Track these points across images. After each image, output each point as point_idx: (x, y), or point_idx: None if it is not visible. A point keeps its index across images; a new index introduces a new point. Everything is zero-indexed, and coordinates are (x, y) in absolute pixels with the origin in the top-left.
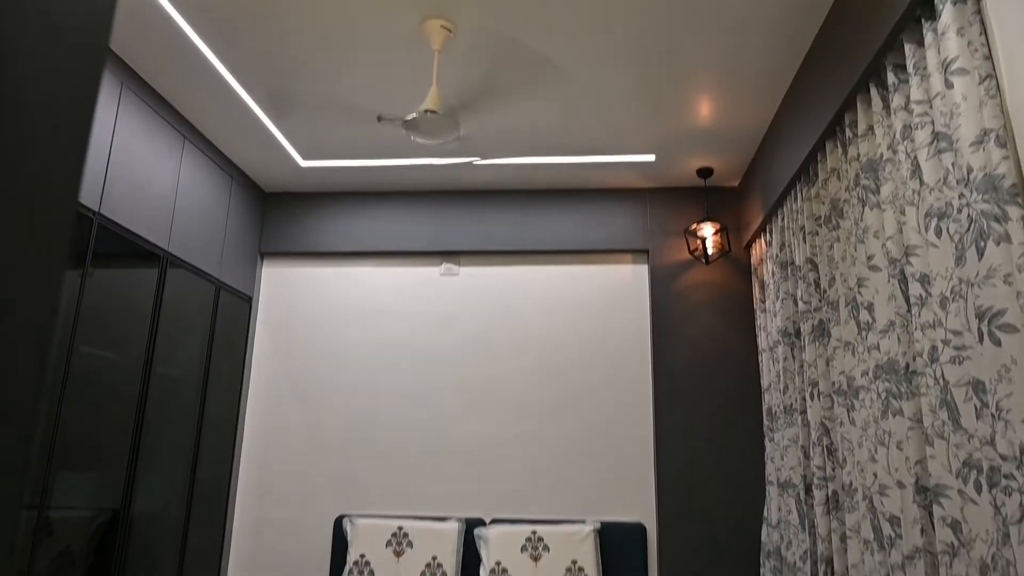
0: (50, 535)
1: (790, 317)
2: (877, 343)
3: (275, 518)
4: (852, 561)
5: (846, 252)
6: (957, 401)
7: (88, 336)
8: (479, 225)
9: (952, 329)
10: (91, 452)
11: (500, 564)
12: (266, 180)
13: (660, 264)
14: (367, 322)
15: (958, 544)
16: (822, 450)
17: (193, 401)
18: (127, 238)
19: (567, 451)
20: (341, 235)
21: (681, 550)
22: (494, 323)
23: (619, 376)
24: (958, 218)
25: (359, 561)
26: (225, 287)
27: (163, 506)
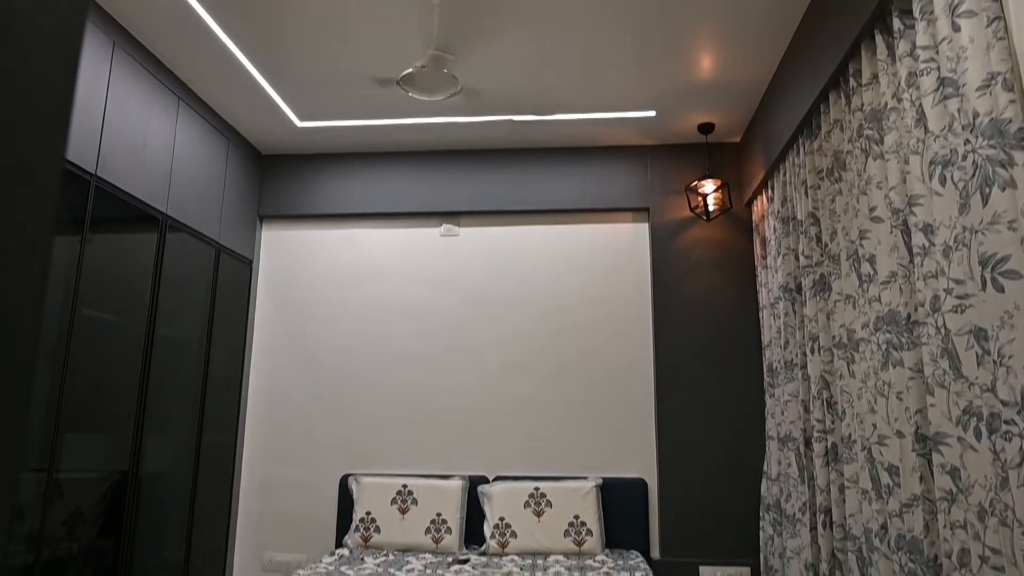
0: (61, 497)
1: (791, 272)
2: (878, 295)
3: (281, 478)
4: (850, 511)
5: (848, 205)
6: (958, 349)
7: (90, 299)
8: (478, 185)
9: (954, 278)
10: (98, 414)
11: (504, 520)
12: (262, 142)
13: (661, 222)
14: (368, 283)
15: (956, 490)
16: (822, 403)
17: (197, 363)
18: (125, 200)
19: (569, 409)
20: (339, 197)
21: (681, 504)
22: (495, 283)
23: (620, 334)
24: (963, 165)
25: (365, 518)
26: (225, 250)
27: (171, 467)
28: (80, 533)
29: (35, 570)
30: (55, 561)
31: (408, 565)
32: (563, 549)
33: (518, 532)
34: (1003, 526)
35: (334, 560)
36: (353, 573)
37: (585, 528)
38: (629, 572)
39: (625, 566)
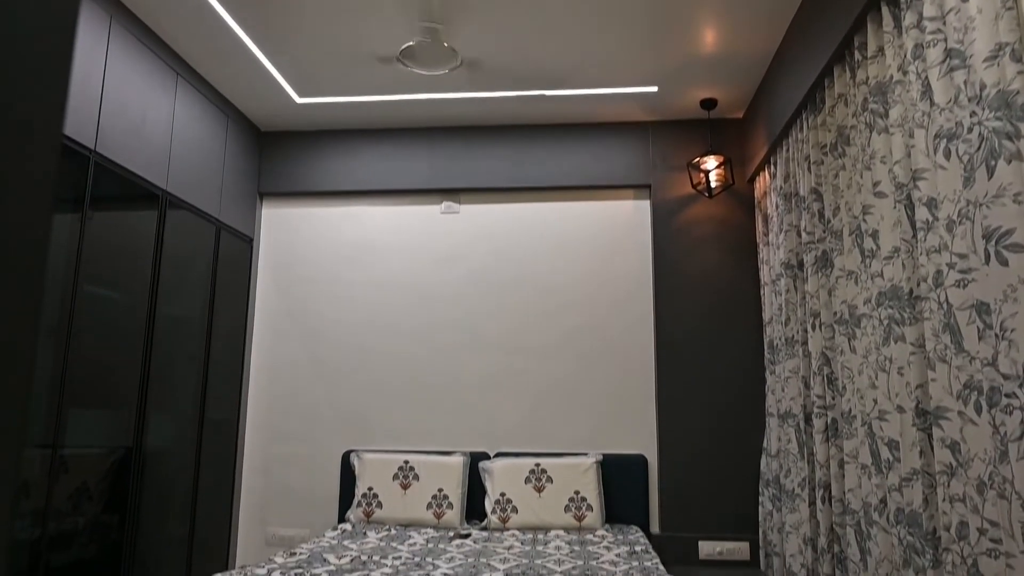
0: (66, 472)
1: (793, 249)
2: (881, 270)
3: (284, 454)
4: (849, 485)
5: (852, 180)
6: (960, 324)
7: (91, 276)
8: (479, 162)
9: (958, 252)
10: (101, 390)
11: (505, 495)
12: (262, 118)
13: (662, 199)
14: (369, 261)
15: (956, 464)
16: (822, 379)
17: (199, 340)
18: (125, 177)
19: (569, 386)
20: (339, 174)
21: (681, 480)
22: (496, 260)
23: (621, 312)
24: (968, 138)
25: (367, 494)
26: (225, 227)
27: (174, 443)
28: (86, 508)
29: (42, 544)
30: (61, 535)
31: (410, 540)
32: (563, 524)
33: (519, 507)
34: (1001, 499)
35: (337, 534)
36: (356, 547)
37: (585, 503)
38: (629, 546)
39: (625, 540)
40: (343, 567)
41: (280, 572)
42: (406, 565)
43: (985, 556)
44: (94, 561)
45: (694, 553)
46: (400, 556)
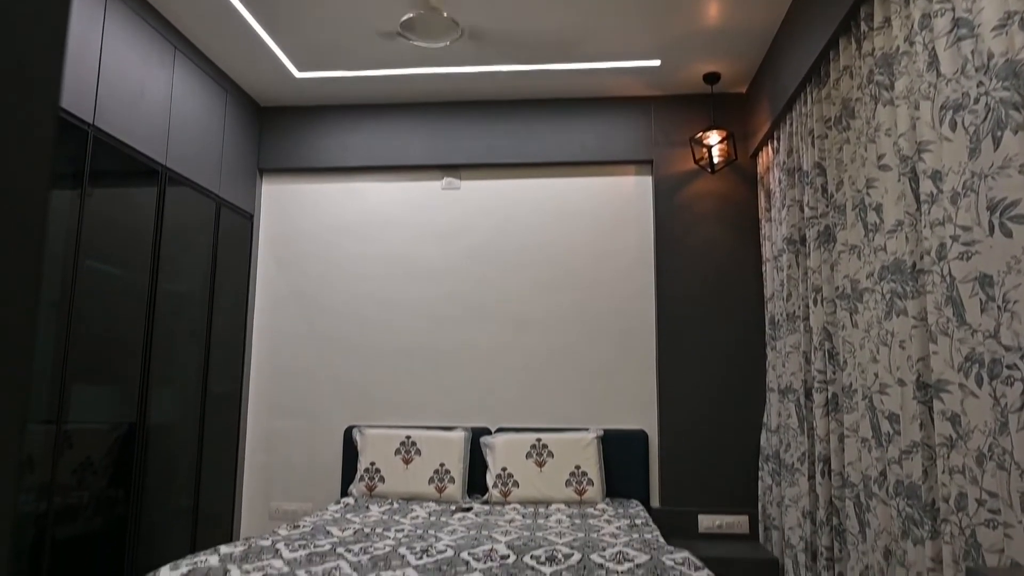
0: (70, 447)
1: (795, 224)
2: (884, 244)
3: (287, 429)
4: (849, 459)
5: (856, 153)
6: (963, 297)
7: (92, 251)
8: (480, 138)
9: (961, 225)
10: (104, 366)
11: (506, 470)
12: (261, 94)
13: (664, 174)
14: (370, 237)
15: (956, 436)
16: (823, 354)
17: (200, 316)
18: (124, 152)
19: (570, 362)
20: (339, 150)
21: (681, 455)
22: (497, 236)
23: (622, 287)
24: (974, 109)
25: (369, 468)
26: (225, 203)
27: (177, 419)
28: (91, 482)
29: (48, 518)
30: (67, 509)
31: (412, 513)
32: (564, 498)
33: (520, 482)
34: (1001, 470)
35: (340, 508)
36: (359, 520)
37: (586, 478)
38: (629, 519)
39: (625, 514)
40: (346, 539)
41: (284, 543)
42: (408, 537)
43: (983, 526)
44: (100, 534)
45: (694, 527)
46: (403, 529)
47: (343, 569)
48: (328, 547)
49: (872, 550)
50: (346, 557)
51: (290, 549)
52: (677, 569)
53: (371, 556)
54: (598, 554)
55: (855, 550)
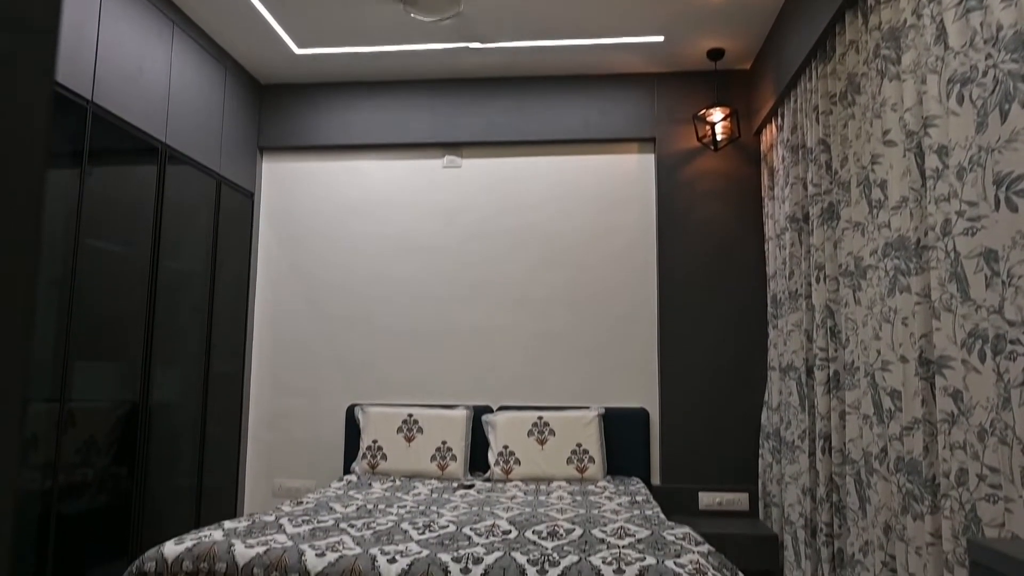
0: (73, 426)
1: (799, 202)
2: (888, 221)
3: (289, 408)
4: (850, 436)
5: (861, 129)
6: (967, 272)
7: (93, 229)
8: (481, 115)
9: (967, 200)
10: (106, 344)
11: (508, 448)
12: (261, 71)
13: (667, 152)
14: (371, 216)
15: (958, 412)
16: (825, 332)
17: (202, 295)
18: (124, 129)
19: (572, 340)
20: (340, 128)
21: (682, 434)
22: (498, 215)
23: (624, 266)
24: (982, 82)
25: (372, 446)
26: (226, 181)
27: (180, 397)
28: (95, 460)
29: (52, 495)
30: (71, 487)
31: (415, 490)
32: (565, 476)
33: (522, 459)
34: (1003, 444)
35: (342, 485)
36: (361, 497)
37: (587, 456)
38: (630, 496)
39: (626, 491)
40: (349, 515)
41: (288, 519)
42: (411, 513)
43: (984, 501)
44: (105, 510)
45: (694, 504)
46: (405, 505)
47: (346, 543)
48: (331, 522)
49: (872, 525)
50: (349, 532)
51: (293, 524)
52: (678, 544)
53: (374, 531)
54: (599, 529)
55: (855, 526)
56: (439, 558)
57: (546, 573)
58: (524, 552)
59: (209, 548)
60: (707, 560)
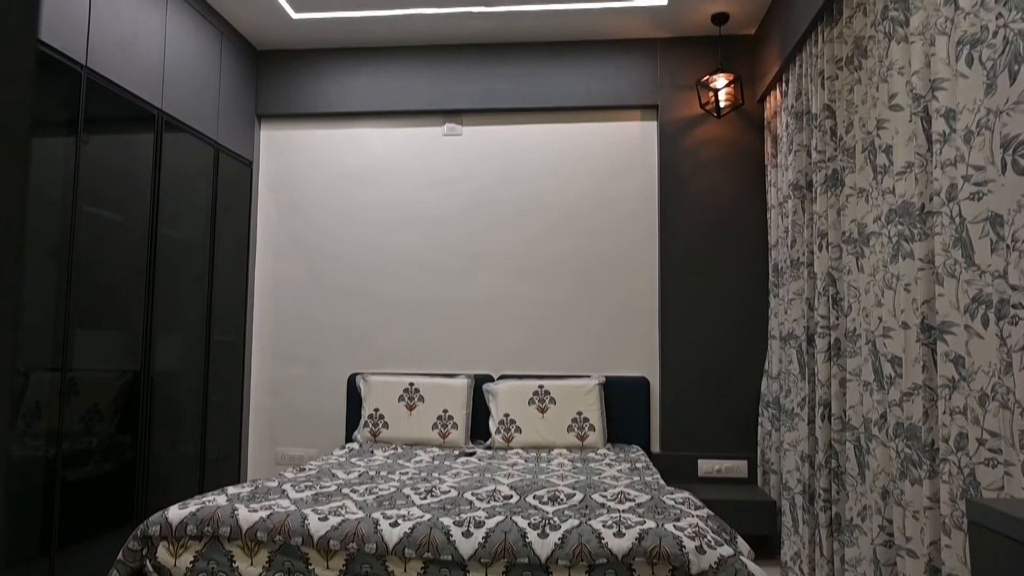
0: (76, 394)
1: (802, 169)
2: (892, 186)
3: (291, 377)
4: (850, 402)
5: (867, 94)
6: (972, 237)
7: (90, 198)
8: (481, 82)
9: (974, 164)
10: (107, 312)
11: (508, 416)
12: (257, 36)
13: (670, 119)
14: (371, 184)
15: (959, 378)
16: (827, 300)
17: (202, 264)
18: (119, 95)
19: (573, 309)
20: (339, 95)
21: (682, 402)
22: (499, 183)
23: (626, 235)
24: (992, 43)
25: (373, 415)
26: (224, 150)
27: (182, 366)
28: (98, 429)
29: (57, 463)
30: (76, 454)
31: (416, 457)
32: (566, 444)
33: (522, 428)
34: (1004, 409)
35: (344, 453)
36: (363, 464)
37: (588, 424)
38: (630, 463)
39: (627, 458)
40: (351, 481)
41: (291, 485)
42: (413, 479)
43: (983, 465)
44: (109, 477)
45: (693, 471)
46: (407, 472)
47: (349, 508)
48: (334, 488)
49: (870, 491)
50: (352, 497)
51: (296, 490)
52: (677, 508)
53: (376, 496)
54: (599, 494)
55: (853, 491)
56: (441, 522)
57: (547, 536)
58: (525, 516)
59: (213, 512)
60: (706, 523)
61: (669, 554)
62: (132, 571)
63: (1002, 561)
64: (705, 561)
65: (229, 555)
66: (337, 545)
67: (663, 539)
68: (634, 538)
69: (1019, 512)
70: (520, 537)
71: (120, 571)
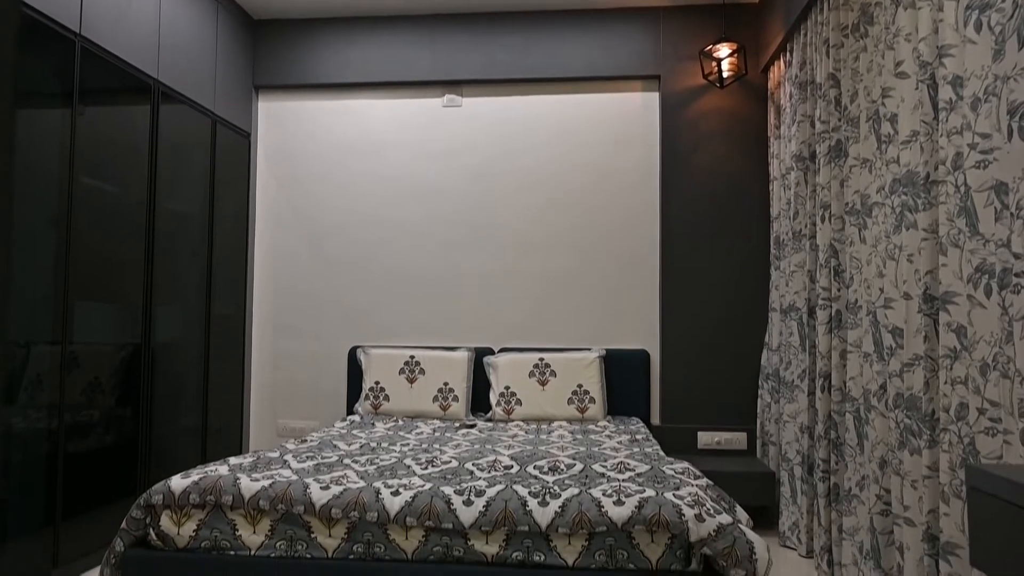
0: (77, 367)
1: (806, 140)
2: (897, 156)
3: (291, 349)
4: (851, 374)
5: (872, 62)
6: (977, 206)
7: (88, 170)
8: (481, 52)
9: (980, 132)
10: (107, 285)
11: (509, 388)
12: (253, 5)
13: (672, 90)
14: (370, 157)
15: (960, 348)
16: (829, 272)
17: (201, 236)
18: (115, 64)
19: (573, 282)
20: (337, 65)
21: (682, 375)
22: (499, 155)
23: (627, 207)
24: (1001, 7)
25: (374, 387)
26: (221, 121)
27: (182, 339)
28: (100, 401)
29: (59, 435)
30: (78, 426)
31: (417, 429)
32: (566, 416)
33: (523, 400)
34: (1004, 378)
35: (346, 425)
36: (364, 435)
37: (588, 396)
38: (630, 435)
39: (626, 430)
40: (353, 452)
41: (292, 455)
42: (414, 450)
43: (983, 434)
44: (112, 449)
45: (693, 443)
46: (408, 443)
47: (350, 477)
48: (335, 459)
49: (868, 461)
50: (353, 467)
51: (298, 460)
52: (677, 478)
53: (377, 467)
54: (599, 464)
55: (852, 462)
56: (442, 491)
57: (547, 505)
58: (525, 485)
59: (215, 482)
60: (705, 492)
61: (668, 522)
62: (136, 539)
63: (1001, 526)
64: (704, 529)
65: (232, 523)
66: (339, 514)
67: (663, 507)
68: (634, 506)
69: (1018, 477)
70: (520, 505)
71: (124, 539)
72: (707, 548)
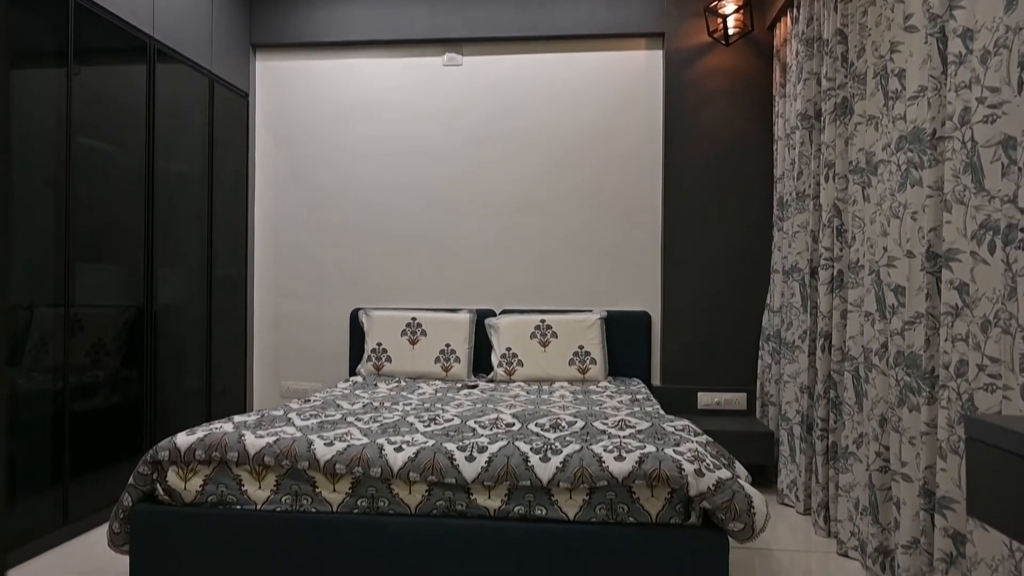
0: (81, 330)
1: (811, 99)
2: (903, 112)
3: (293, 311)
4: (851, 333)
5: (881, 16)
6: (983, 162)
7: (85, 130)
8: (482, 9)
9: (989, 86)
10: (107, 246)
11: (510, 350)
12: None
13: (676, 48)
14: (370, 117)
15: (962, 305)
16: (832, 231)
17: (200, 197)
18: (109, 22)
19: (575, 243)
20: (336, 23)
21: (683, 336)
22: (501, 115)
23: (629, 168)
24: None
25: (376, 349)
26: (219, 80)
27: (185, 301)
28: (105, 363)
29: (65, 396)
30: (83, 387)
31: (419, 389)
32: (568, 376)
33: (524, 361)
34: (1005, 334)
35: (348, 386)
36: (367, 395)
37: (589, 357)
38: (631, 395)
39: (627, 390)
40: (356, 410)
41: (296, 414)
42: (416, 409)
43: (982, 391)
44: (118, 410)
45: (693, 403)
46: (411, 402)
47: (354, 435)
48: (339, 417)
49: (867, 419)
50: (356, 425)
51: (302, 418)
52: (677, 435)
53: (380, 424)
54: (600, 422)
55: (850, 420)
56: (445, 447)
57: (549, 460)
58: (527, 442)
59: (220, 438)
60: (705, 449)
61: (668, 476)
62: (143, 494)
63: (998, 476)
64: (704, 483)
65: (237, 479)
66: (343, 469)
67: (663, 462)
68: (634, 461)
69: (1017, 426)
70: (522, 461)
71: (132, 494)
72: (706, 502)
